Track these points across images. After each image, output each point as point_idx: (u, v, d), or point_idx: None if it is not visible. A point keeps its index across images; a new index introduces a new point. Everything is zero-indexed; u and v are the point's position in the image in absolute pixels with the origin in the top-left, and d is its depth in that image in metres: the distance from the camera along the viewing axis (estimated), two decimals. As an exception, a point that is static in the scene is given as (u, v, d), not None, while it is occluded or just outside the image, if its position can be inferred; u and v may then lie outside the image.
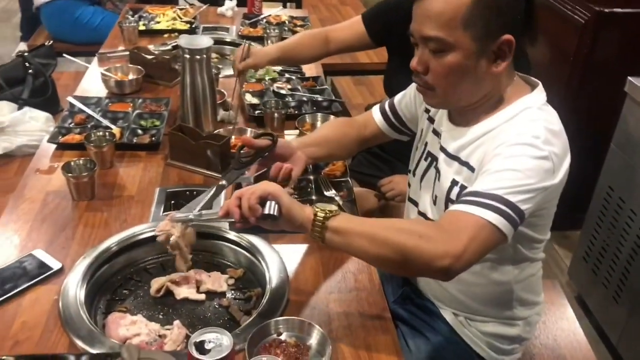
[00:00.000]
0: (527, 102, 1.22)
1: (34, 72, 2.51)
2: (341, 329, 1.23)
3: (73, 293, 1.27)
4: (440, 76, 1.20)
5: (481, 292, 1.36)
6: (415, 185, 1.46)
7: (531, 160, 1.11)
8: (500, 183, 1.10)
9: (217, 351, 0.94)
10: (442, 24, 1.14)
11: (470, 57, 1.16)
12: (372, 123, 1.60)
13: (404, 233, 1.09)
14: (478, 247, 1.07)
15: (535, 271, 1.39)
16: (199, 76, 1.82)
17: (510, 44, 1.16)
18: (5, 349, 1.14)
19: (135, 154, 1.81)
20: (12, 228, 1.47)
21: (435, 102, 1.29)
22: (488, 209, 1.08)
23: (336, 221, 1.12)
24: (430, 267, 1.06)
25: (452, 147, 1.29)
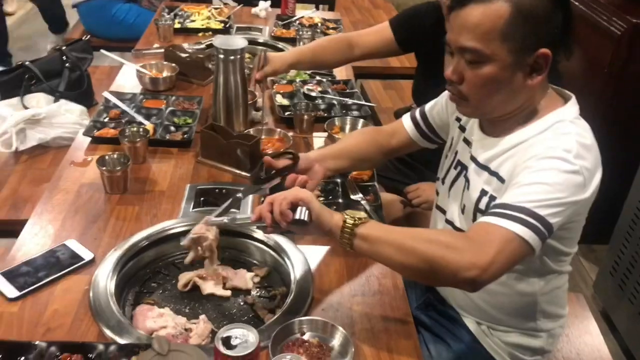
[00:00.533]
0: (560, 115, 1.22)
1: (71, 66, 2.56)
2: (364, 332, 1.24)
3: (103, 284, 1.30)
4: (475, 87, 1.20)
5: (506, 302, 1.36)
6: (443, 193, 1.46)
7: (561, 175, 1.11)
8: (529, 196, 1.10)
9: (243, 347, 0.96)
10: (479, 35, 1.14)
11: (506, 69, 1.16)
12: (402, 131, 1.60)
13: (431, 243, 1.10)
14: (505, 259, 1.08)
15: (561, 284, 1.38)
16: (232, 76, 1.85)
17: (547, 57, 1.15)
18: (37, 335, 1.18)
19: (167, 150, 1.85)
20: (46, 218, 1.52)
21: (468, 111, 1.29)
22: (516, 222, 1.08)
23: (365, 228, 1.15)
24: (457, 278, 1.07)
25: (483, 157, 1.29)
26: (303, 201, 1.18)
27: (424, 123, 1.57)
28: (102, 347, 1.13)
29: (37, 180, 2.15)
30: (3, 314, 1.22)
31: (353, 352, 1.15)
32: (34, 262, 1.36)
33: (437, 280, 1.22)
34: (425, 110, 1.58)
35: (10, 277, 1.31)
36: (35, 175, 2.18)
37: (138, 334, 1.19)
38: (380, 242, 1.14)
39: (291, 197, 1.19)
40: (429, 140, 1.59)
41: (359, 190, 1.69)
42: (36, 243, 1.43)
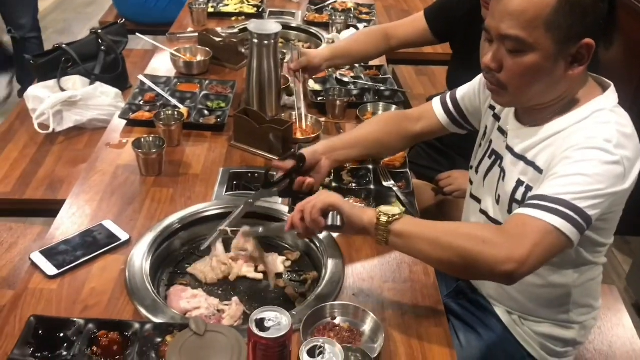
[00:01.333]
0: (599, 104, 1.19)
1: (106, 49, 2.59)
2: (394, 318, 1.25)
3: (139, 264, 1.33)
4: (514, 76, 1.17)
5: (539, 293, 1.35)
6: (477, 183, 1.45)
7: (602, 165, 1.09)
8: (568, 188, 1.08)
9: (276, 329, 0.97)
10: (523, 23, 1.11)
11: (548, 59, 1.13)
12: (431, 116, 1.58)
13: (467, 238, 1.09)
14: (543, 252, 1.07)
15: (595, 276, 1.37)
16: (266, 61, 1.85)
17: (590, 48, 1.13)
18: (76, 312, 1.21)
19: (201, 133, 1.86)
20: (83, 198, 1.55)
21: (505, 101, 1.27)
22: (555, 214, 1.07)
23: (399, 225, 1.14)
24: (494, 272, 1.07)
25: (519, 147, 1.27)
26: (333, 206, 1.20)
27: (455, 108, 1.55)
28: (138, 326, 1.15)
29: (73, 161, 2.20)
30: (43, 290, 1.26)
31: (384, 338, 1.15)
32: (72, 241, 1.39)
33: (474, 275, 1.21)
34: (456, 95, 1.55)
35: (49, 256, 1.34)
36: (71, 157, 2.23)
37: (172, 313, 1.22)
38: (415, 238, 1.14)
39: (320, 204, 1.19)
40: (459, 126, 1.57)
41: (391, 177, 1.69)
42: (74, 222, 1.46)
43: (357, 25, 2.72)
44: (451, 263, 1.11)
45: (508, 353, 1.41)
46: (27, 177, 2.10)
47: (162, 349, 1.11)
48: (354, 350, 1.08)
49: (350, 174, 1.70)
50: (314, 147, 1.52)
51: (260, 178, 1.66)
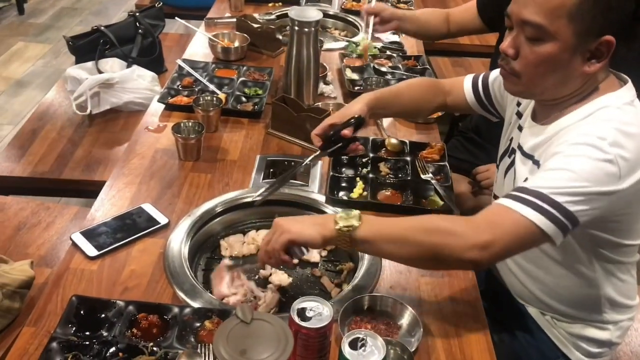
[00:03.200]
0: (607, 100, 1.15)
1: (144, 32, 2.60)
2: (432, 313, 1.24)
3: (177, 248, 1.34)
4: (529, 64, 1.15)
5: (567, 294, 1.32)
6: (499, 181, 1.43)
7: (590, 162, 1.06)
8: (549, 182, 1.07)
9: (318, 320, 0.98)
10: (546, 10, 1.09)
11: (567, 51, 1.11)
12: (460, 91, 1.57)
13: (431, 232, 1.09)
14: (511, 241, 1.07)
15: (628, 275, 1.34)
16: (305, 49, 1.84)
17: (610, 45, 1.10)
18: (116, 293, 1.23)
19: (238, 120, 1.87)
20: (123, 181, 1.56)
21: (517, 89, 1.24)
22: (529, 207, 1.06)
23: (361, 232, 1.11)
24: (460, 261, 1.08)
25: (528, 146, 1.26)
26: (290, 243, 1.14)
27: (484, 90, 1.53)
28: (177, 310, 1.16)
29: (109, 143, 2.22)
30: (84, 271, 1.28)
31: (421, 333, 1.14)
32: (112, 223, 1.40)
33: (442, 266, 1.22)
34: (488, 77, 1.53)
35: (89, 237, 1.36)
36: (108, 138, 2.25)
37: (210, 298, 1.23)
38: (380, 241, 1.12)
39: (279, 246, 1.14)
40: (485, 109, 1.55)
41: (429, 170, 1.67)
42: (113, 204, 1.48)
43: (395, 14, 2.69)
44: (420, 258, 1.12)
45: (542, 353, 1.39)
46: (64, 157, 2.13)
47: (201, 334, 1.12)
48: (393, 343, 1.07)
49: (388, 165, 1.69)
50: (361, 106, 1.47)
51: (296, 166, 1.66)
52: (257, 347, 0.83)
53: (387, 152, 1.75)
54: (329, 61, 2.24)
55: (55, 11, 5.02)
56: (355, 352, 0.95)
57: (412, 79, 1.73)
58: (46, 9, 5.04)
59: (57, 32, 4.58)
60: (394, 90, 1.59)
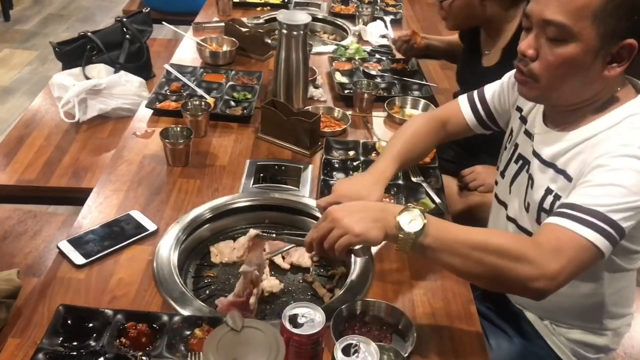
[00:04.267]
0: (633, 108, 1.14)
1: (131, 38, 2.58)
2: (425, 317, 1.22)
3: (166, 255, 1.32)
4: (550, 66, 1.12)
5: (569, 303, 1.31)
6: (504, 187, 1.41)
7: (637, 175, 1.05)
8: (602, 199, 1.04)
9: (310, 326, 0.96)
10: (571, 10, 1.06)
11: (589, 53, 1.08)
12: (459, 117, 1.52)
13: (499, 254, 1.02)
14: (575, 268, 1.03)
15: (628, 282, 1.33)
16: (294, 52, 1.83)
17: (632, 49, 1.08)
18: (104, 302, 1.20)
19: (227, 124, 1.85)
20: (110, 188, 1.54)
21: (534, 94, 1.21)
22: (589, 227, 1.02)
23: (427, 239, 1.04)
24: (525, 289, 1.03)
25: (547, 153, 1.23)
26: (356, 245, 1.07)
27: (483, 108, 1.49)
28: (166, 318, 1.14)
29: (97, 149, 2.20)
30: (71, 280, 1.25)
31: (415, 337, 1.13)
32: (99, 231, 1.38)
33: (503, 289, 1.15)
34: (485, 95, 1.50)
35: (77, 245, 1.33)
36: (95, 145, 2.22)
37: (200, 306, 1.20)
38: (444, 252, 1.05)
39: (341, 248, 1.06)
40: (485, 126, 1.52)
41: (420, 173, 1.66)
42: (101, 212, 1.45)
43: (384, 17, 2.69)
44: (480, 277, 1.06)
45: (539, 357, 1.38)
46: (51, 164, 2.10)
47: (191, 342, 1.10)
48: (386, 348, 1.06)
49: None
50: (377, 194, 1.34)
51: (287, 170, 1.65)
52: (248, 355, 0.81)
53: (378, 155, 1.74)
54: (319, 65, 2.23)
55: (42, 17, 4.98)
56: (348, 359, 0.93)
57: (413, 124, 1.52)
58: (32, 15, 5.00)
59: (44, 38, 4.54)
60: (405, 148, 1.44)
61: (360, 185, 1.35)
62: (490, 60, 1.89)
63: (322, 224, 1.09)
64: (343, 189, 1.34)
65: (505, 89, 1.45)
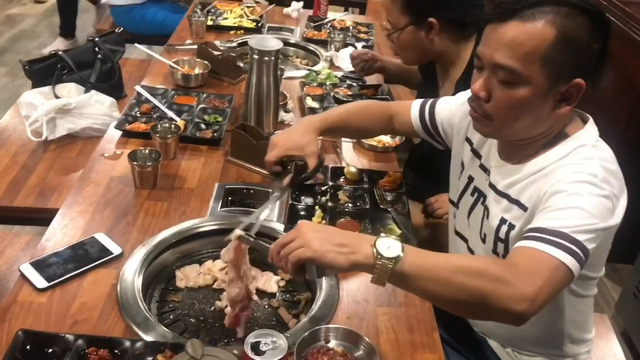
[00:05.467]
0: (581, 139, 1.18)
1: (103, 58, 2.57)
2: (389, 343, 1.23)
3: (131, 279, 1.31)
4: (502, 107, 1.16)
5: (531, 330, 1.30)
6: (461, 220, 1.43)
7: (595, 199, 1.08)
8: (566, 221, 1.06)
9: (272, 354, 0.96)
10: (520, 55, 1.10)
11: (539, 95, 1.12)
12: (406, 116, 1.58)
13: (481, 277, 1.00)
14: (551, 289, 1.02)
15: (587, 308, 1.36)
16: (265, 77, 1.84)
17: (580, 88, 1.12)
18: (65, 327, 1.19)
19: (197, 147, 1.85)
20: (76, 210, 1.52)
21: (488, 131, 1.24)
22: (559, 248, 1.03)
23: (407, 266, 1.00)
24: (508, 312, 0.99)
25: (502, 184, 1.26)
26: (308, 261, 1.03)
27: (430, 118, 1.54)
28: (128, 344, 1.13)
29: (64, 169, 2.17)
30: (32, 304, 1.23)
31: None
32: (63, 254, 1.36)
33: (485, 315, 1.10)
34: (435, 106, 1.54)
35: (39, 268, 1.32)
36: (63, 165, 2.19)
37: (164, 331, 1.20)
38: (424, 279, 1.00)
39: (294, 259, 1.03)
40: (430, 136, 1.57)
41: (387, 198, 1.68)
42: (65, 234, 1.44)
43: (355, 44, 2.73)
44: (463, 303, 1.01)
45: (502, 385, 1.40)
46: (17, 184, 2.07)
47: (153, 369, 1.09)
48: (349, 376, 1.06)
49: (347, 194, 1.69)
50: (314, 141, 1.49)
51: (255, 194, 1.66)
52: (207, 384, 0.81)
53: (346, 181, 1.76)
54: (290, 89, 2.25)
55: (13, 34, 4.93)
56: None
57: (362, 103, 1.73)
58: (3, 31, 4.95)
59: (15, 55, 4.49)
60: (343, 116, 1.59)
61: (296, 134, 1.49)
62: (445, 92, 1.91)
63: (288, 233, 1.08)
64: (280, 140, 1.49)
65: (454, 115, 1.48)
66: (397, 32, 1.85)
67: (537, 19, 1.09)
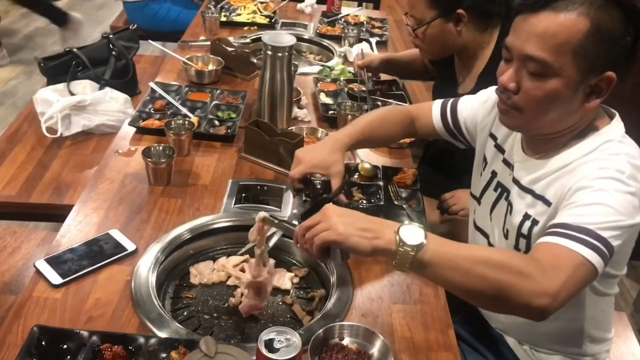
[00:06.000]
0: (607, 134, 1.16)
1: (117, 54, 2.57)
2: (403, 341, 1.22)
3: (145, 276, 1.31)
4: (532, 100, 1.13)
5: (551, 328, 1.31)
6: (483, 215, 1.41)
7: (621, 196, 1.06)
8: (591, 218, 1.04)
9: (286, 351, 0.95)
10: (552, 47, 1.08)
11: (570, 87, 1.10)
12: (428, 118, 1.57)
13: (501, 268, 1.00)
14: (574, 285, 1.01)
15: (608, 307, 1.34)
16: (279, 73, 1.84)
17: (610, 81, 1.10)
18: (80, 323, 1.19)
19: (210, 144, 1.85)
20: (91, 206, 1.53)
21: (516, 124, 1.22)
22: (583, 244, 1.02)
23: (427, 254, 1.01)
24: (528, 306, 0.99)
25: (526, 180, 1.24)
26: (333, 244, 1.06)
27: (452, 118, 1.52)
28: (142, 340, 1.13)
29: (79, 166, 2.18)
30: (47, 300, 1.24)
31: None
32: (77, 250, 1.37)
33: (505, 308, 1.09)
34: (457, 105, 1.52)
35: (54, 264, 1.32)
36: (78, 161, 2.21)
37: (178, 328, 1.20)
38: (444, 267, 1.01)
39: (319, 241, 1.06)
40: (453, 136, 1.55)
41: (402, 195, 1.67)
42: (80, 230, 1.44)
43: (370, 39, 2.71)
44: (483, 294, 1.01)
45: (518, 382, 1.38)
46: (33, 180, 2.08)
47: (167, 365, 1.09)
48: (363, 374, 1.05)
49: (361, 190, 1.68)
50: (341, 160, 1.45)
51: (269, 191, 1.65)
52: (221, 382, 0.80)
53: (360, 177, 1.75)
54: (303, 85, 2.24)
55: (29, 31, 4.97)
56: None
57: (380, 112, 1.65)
58: (20, 29, 4.99)
59: (30, 52, 4.53)
60: (367, 129, 1.54)
61: (322, 152, 1.44)
62: (466, 87, 1.90)
63: (314, 216, 1.10)
64: (306, 156, 1.44)
65: (477, 112, 1.47)
66: (423, 26, 1.83)
67: (570, 10, 1.07)
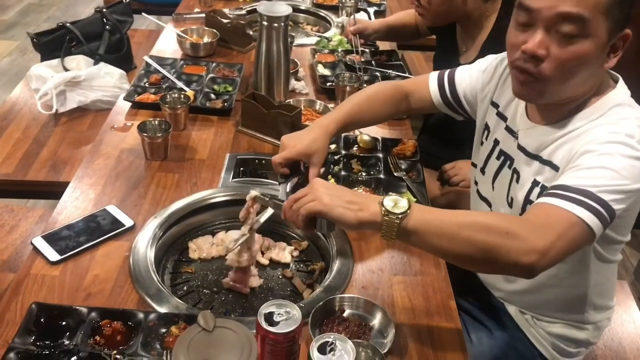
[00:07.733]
0: (615, 98, 1.14)
1: (111, 29, 2.53)
2: (404, 312, 1.22)
3: (143, 251, 1.30)
4: (561, 65, 1.07)
5: (554, 295, 1.31)
6: (486, 184, 1.39)
7: (626, 160, 1.05)
8: (593, 180, 1.03)
9: (286, 324, 0.95)
10: (589, 3, 1.03)
11: (598, 48, 1.06)
12: (425, 92, 1.52)
13: (488, 231, 1.00)
14: (565, 244, 1.01)
15: (611, 274, 1.33)
16: (275, 44, 1.80)
17: (627, 38, 1.08)
18: (78, 299, 1.18)
19: (207, 117, 1.82)
20: (87, 182, 1.51)
21: (537, 95, 1.15)
22: (580, 205, 1.01)
23: (411, 221, 1.02)
24: (517, 264, 0.99)
25: (532, 146, 1.22)
26: (318, 214, 1.07)
27: (450, 90, 1.48)
28: (141, 315, 1.12)
29: (76, 142, 2.16)
30: (45, 277, 1.23)
31: (394, 333, 1.12)
32: (75, 226, 1.36)
33: (494, 269, 1.11)
34: (455, 76, 1.48)
35: (51, 241, 1.31)
36: (74, 138, 2.18)
37: (177, 303, 1.19)
38: (431, 234, 1.02)
39: (304, 212, 1.07)
40: (452, 108, 1.51)
41: (401, 167, 1.65)
42: (77, 207, 1.43)
43: (367, 9, 2.67)
44: (471, 257, 1.02)
45: (519, 352, 1.38)
46: (29, 157, 2.06)
47: (167, 340, 1.09)
48: (364, 345, 1.05)
49: (360, 162, 1.66)
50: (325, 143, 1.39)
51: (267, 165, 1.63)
52: (219, 356, 0.79)
53: (359, 149, 1.73)
54: (301, 57, 2.21)
55: (22, 7, 4.90)
56: (324, 357, 0.92)
57: (372, 88, 1.56)
58: (12, 5, 4.92)
59: (24, 28, 4.47)
60: (354, 111, 1.48)
61: (305, 137, 1.39)
62: (469, 57, 1.87)
63: (302, 189, 1.12)
64: (290, 142, 1.39)
65: (477, 82, 1.43)
66: None
67: None
